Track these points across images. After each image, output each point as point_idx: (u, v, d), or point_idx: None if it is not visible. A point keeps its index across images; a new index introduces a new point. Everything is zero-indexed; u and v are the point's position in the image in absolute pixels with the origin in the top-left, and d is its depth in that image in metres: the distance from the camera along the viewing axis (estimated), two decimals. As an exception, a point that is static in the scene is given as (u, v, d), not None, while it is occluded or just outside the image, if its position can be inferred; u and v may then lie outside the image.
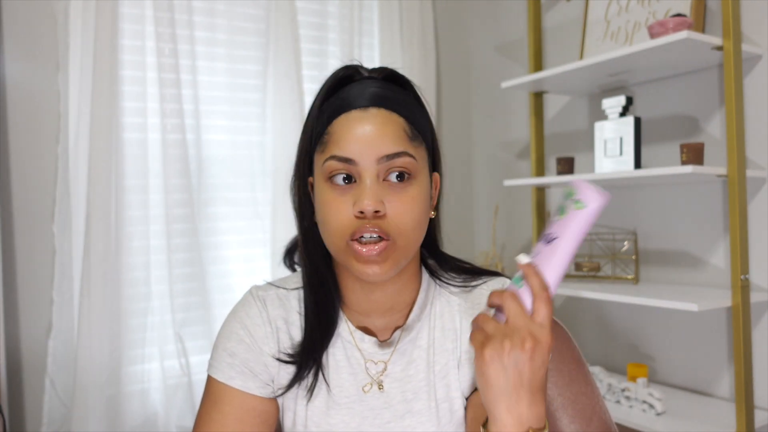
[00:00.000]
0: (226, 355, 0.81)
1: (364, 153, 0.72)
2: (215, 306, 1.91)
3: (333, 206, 0.73)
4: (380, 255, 0.72)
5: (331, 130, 0.75)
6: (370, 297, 0.82)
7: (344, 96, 0.76)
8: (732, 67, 1.44)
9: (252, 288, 0.87)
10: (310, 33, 2.13)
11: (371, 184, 0.72)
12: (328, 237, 0.75)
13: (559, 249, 0.65)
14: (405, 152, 0.73)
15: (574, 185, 0.65)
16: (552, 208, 2.11)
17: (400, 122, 0.75)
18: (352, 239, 0.72)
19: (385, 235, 0.72)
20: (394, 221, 0.72)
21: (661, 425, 1.47)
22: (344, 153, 0.72)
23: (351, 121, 0.74)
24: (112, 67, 1.74)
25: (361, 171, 0.72)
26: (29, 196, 1.73)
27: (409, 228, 0.73)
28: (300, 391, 0.82)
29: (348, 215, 0.72)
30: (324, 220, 0.74)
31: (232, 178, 1.98)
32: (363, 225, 0.71)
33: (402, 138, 0.74)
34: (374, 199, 0.71)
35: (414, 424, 0.80)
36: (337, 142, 0.73)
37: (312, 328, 0.81)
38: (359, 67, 0.81)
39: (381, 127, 0.73)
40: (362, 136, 0.72)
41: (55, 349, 1.73)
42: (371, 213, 0.71)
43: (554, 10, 2.12)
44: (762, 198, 1.55)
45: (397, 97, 0.77)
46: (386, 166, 0.73)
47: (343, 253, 0.74)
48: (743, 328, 1.43)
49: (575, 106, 2.05)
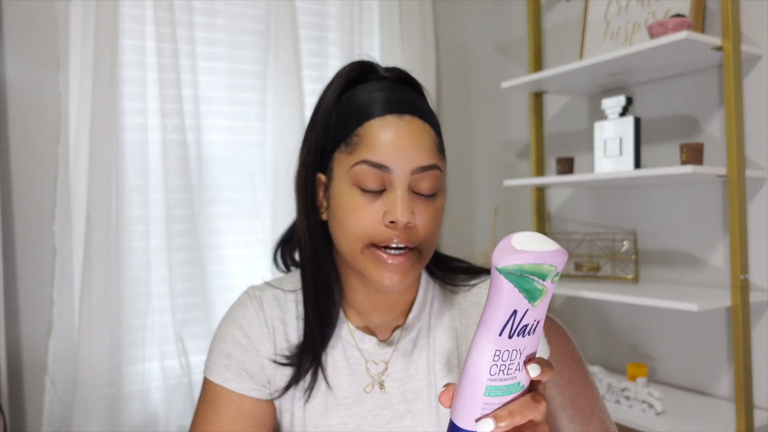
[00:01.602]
0: (222, 356, 0.80)
1: (399, 162, 0.71)
2: (215, 306, 1.91)
3: (359, 211, 0.72)
4: (403, 265, 0.72)
5: (363, 132, 0.73)
6: (374, 297, 0.81)
7: (372, 97, 0.74)
8: (732, 67, 1.44)
9: (248, 288, 0.86)
10: (310, 33, 2.13)
11: (403, 195, 0.71)
12: (345, 239, 0.74)
13: (539, 331, 0.52)
14: (436, 165, 0.73)
15: (551, 261, 0.49)
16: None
17: (431, 134, 0.75)
18: (376, 246, 0.72)
19: (411, 245, 0.72)
20: (420, 233, 0.72)
21: (661, 425, 1.47)
22: (378, 159, 0.71)
23: (386, 126, 0.72)
24: (113, 67, 1.74)
25: (393, 180, 0.71)
26: (29, 196, 1.73)
27: (433, 239, 0.74)
28: (297, 393, 0.81)
29: (374, 222, 0.71)
30: (344, 222, 0.73)
31: (232, 178, 1.98)
32: (392, 235, 0.71)
33: (433, 150, 0.74)
34: (407, 212, 0.70)
35: (414, 424, 0.80)
36: (370, 146, 0.71)
37: (312, 328, 0.80)
38: (375, 64, 0.79)
39: (418, 137, 0.72)
40: (399, 145, 0.71)
41: (56, 349, 1.73)
42: (403, 225, 0.71)
43: (554, 10, 2.12)
44: (762, 198, 1.55)
45: (426, 107, 0.77)
46: (418, 178, 0.72)
47: (360, 258, 0.73)
48: (743, 328, 1.43)
49: (575, 106, 2.06)
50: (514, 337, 0.50)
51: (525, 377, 0.52)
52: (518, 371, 0.51)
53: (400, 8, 2.26)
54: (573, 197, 2.06)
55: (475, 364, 0.50)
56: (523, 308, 0.49)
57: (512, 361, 0.50)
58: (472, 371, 0.51)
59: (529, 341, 0.51)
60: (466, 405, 0.51)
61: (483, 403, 0.51)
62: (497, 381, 0.50)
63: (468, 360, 0.51)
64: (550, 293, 0.50)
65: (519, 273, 0.48)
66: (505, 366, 0.50)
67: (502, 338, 0.49)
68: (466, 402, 0.51)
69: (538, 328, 0.51)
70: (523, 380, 0.52)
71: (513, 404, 0.51)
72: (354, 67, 0.79)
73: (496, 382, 0.50)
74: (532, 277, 0.48)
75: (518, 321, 0.49)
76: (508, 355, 0.50)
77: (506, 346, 0.50)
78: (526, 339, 0.50)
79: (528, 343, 0.51)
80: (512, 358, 0.50)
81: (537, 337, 0.52)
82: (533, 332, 0.51)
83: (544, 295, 0.49)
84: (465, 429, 0.52)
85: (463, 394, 0.51)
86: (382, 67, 0.80)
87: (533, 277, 0.48)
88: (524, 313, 0.49)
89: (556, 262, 0.49)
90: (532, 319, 0.50)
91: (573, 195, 2.06)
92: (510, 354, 0.50)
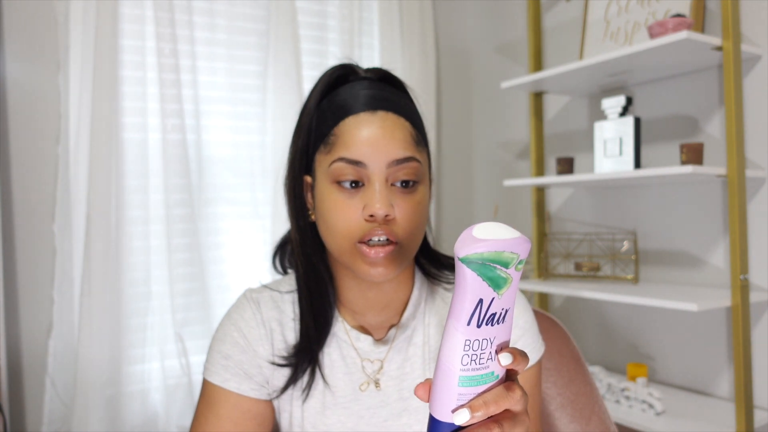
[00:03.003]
0: (220, 357, 0.81)
1: (374, 156, 0.72)
2: (215, 306, 1.91)
3: (340, 209, 0.73)
4: (387, 257, 0.73)
5: (338, 131, 0.74)
6: (367, 295, 0.82)
7: (347, 97, 0.76)
8: (732, 67, 1.44)
9: (246, 291, 0.87)
10: (310, 33, 2.13)
11: (381, 188, 0.72)
12: (333, 239, 0.75)
13: (509, 320, 0.53)
14: (413, 157, 0.74)
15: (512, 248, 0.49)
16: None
17: (407, 126, 0.76)
18: (359, 242, 0.73)
19: (393, 238, 0.73)
20: (401, 225, 0.73)
21: (661, 425, 1.47)
22: (354, 156, 0.72)
23: (360, 123, 0.73)
24: (113, 68, 1.74)
25: (370, 174, 0.73)
26: (29, 196, 1.73)
27: (415, 231, 0.75)
28: (295, 392, 0.82)
29: (356, 218, 0.73)
30: (329, 221, 0.74)
31: (232, 178, 1.98)
32: (373, 229, 0.72)
33: (409, 143, 0.75)
34: (385, 204, 0.71)
35: (411, 422, 0.81)
36: (345, 144, 0.73)
37: (308, 328, 0.81)
38: (355, 66, 0.81)
39: (391, 132, 0.74)
40: (372, 139, 0.72)
41: (56, 349, 1.73)
42: (382, 218, 0.72)
43: (554, 10, 2.12)
44: (761, 198, 1.55)
45: (402, 101, 0.78)
46: (395, 171, 0.73)
47: (348, 255, 0.74)
48: (743, 328, 1.43)
49: (575, 106, 2.06)
50: (482, 326, 0.50)
51: (498, 367, 0.52)
52: (490, 360, 0.51)
53: (400, 8, 2.26)
54: (573, 197, 2.06)
55: (446, 355, 0.51)
56: (488, 297, 0.49)
57: (483, 350, 0.51)
58: (445, 362, 0.51)
59: (498, 330, 0.51)
60: (442, 397, 0.51)
61: (458, 394, 0.51)
62: (470, 371, 0.51)
63: (440, 352, 0.51)
64: (516, 281, 0.50)
65: (480, 261, 0.48)
66: (476, 356, 0.51)
67: (470, 328, 0.50)
68: (441, 394, 0.51)
69: (508, 317, 0.52)
70: (496, 370, 0.52)
71: (488, 394, 0.51)
72: (335, 70, 0.81)
73: (468, 372, 0.50)
74: (494, 265, 0.48)
75: (485, 310, 0.50)
76: (479, 344, 0.50)
77: (476, 336, 0.50)
78: (495, 328, 0.51)
79: (498, 332, 0.51)
80: (483, 347, 0.51)
81: (507, 326, 0.52)
82: (502, 321, 0.51)
83: (509, 283, 0.50)
84: (443, 421, 0.52)
85: (438, 387, 0.51)
86: (362, 68, 0.82)
87: (495, 265, 0.48)
88: (490, 302, 0.50)
89: (517, 250, 0.49)
90: (499, 307, 0.50)
91: (573, 195, 2.06)
92: (480, 343, 0.50)
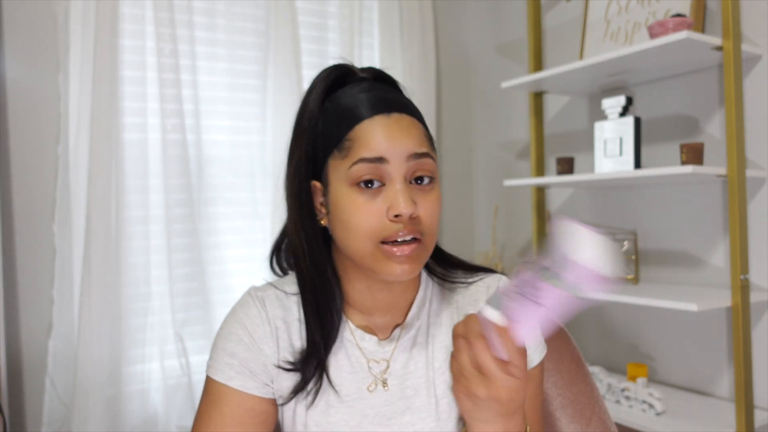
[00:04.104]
0: (225, 355, 0.81)
1: (394, 150, 0.73)
2: (215, 306, 1.91)
3: (362, 210, 0.73)
4: (412, 255, 0.73)
5: (353, 135, 0.74)
6: (376, 296, 0.82)
7: (355, 100, 0.76)
8: (732, 67, 1.44)
9: (251, 288, 0.87)
10: (310, 33, 2.13)
11: (402, 187, 0.73)
12: (353, 241, 0.75)
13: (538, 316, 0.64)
14: (428, 154, 0.76)
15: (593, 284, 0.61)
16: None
17: (420, 127, 0.77)
18: (382, 242, 0.73)
19: (417, 236, 0.74)
20: (424, 222, 0.74)
21: (661, 425, 1.47)
22: (374, 153, 0.73)
23: (376, 125, 0.74)
24: (112, 68, 1.74)
25: (391, 170, 0.73)
26: (29, 196, 1.73)
27: (435, 228, 0.77)
28: (301, 395, 0.81)
29: (379, 219, 0.73)
30: (350, 224, 0.74)
31: (232, 178, 1.98)
32: (398, 228, 0.72)
33: (424, 141, 0.76)
34: (410, 204, 0.72)
35: (414, 420, 0.81)
36: (365, 146, 0.73)
37: (314, 334, 0.80)
38: (351, 66, 0.82)
39: (407, 130, 0.75)
40: (391, 136, 0.74)
41: (55, 349, 1.73)
42: (408, 217, 0.72)
43: (554, 10, 2.12)
44: (762, 198, 1.55)
45: (409, 103, 0.80)
46: (414, 166, 0.74)
47: (371, 256, 0.74)
48: (743, 328, 1.43)
49: (575, 106, 2.06)
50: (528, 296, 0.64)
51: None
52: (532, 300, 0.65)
53: (400, 8, 2.26)
54: (573, 197, 2.06)
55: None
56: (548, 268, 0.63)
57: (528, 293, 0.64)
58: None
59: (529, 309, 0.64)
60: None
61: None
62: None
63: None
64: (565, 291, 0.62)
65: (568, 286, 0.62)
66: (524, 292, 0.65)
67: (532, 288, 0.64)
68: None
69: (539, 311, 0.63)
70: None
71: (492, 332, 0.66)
72: (331, 71, 0.80)
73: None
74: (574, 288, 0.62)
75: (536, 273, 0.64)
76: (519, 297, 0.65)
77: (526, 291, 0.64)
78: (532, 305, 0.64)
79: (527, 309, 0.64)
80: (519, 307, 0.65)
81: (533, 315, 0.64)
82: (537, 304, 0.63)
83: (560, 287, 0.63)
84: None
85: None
86: (357, 68, 0.82)
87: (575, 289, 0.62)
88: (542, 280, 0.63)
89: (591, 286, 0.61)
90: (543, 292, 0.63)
91: (573, 195, 2.06)
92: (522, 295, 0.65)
